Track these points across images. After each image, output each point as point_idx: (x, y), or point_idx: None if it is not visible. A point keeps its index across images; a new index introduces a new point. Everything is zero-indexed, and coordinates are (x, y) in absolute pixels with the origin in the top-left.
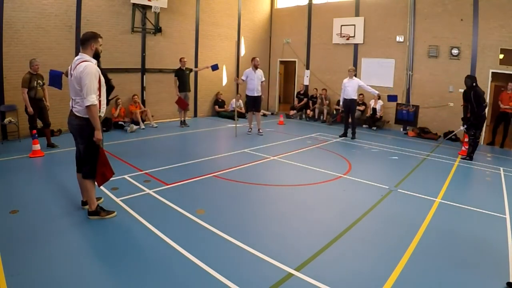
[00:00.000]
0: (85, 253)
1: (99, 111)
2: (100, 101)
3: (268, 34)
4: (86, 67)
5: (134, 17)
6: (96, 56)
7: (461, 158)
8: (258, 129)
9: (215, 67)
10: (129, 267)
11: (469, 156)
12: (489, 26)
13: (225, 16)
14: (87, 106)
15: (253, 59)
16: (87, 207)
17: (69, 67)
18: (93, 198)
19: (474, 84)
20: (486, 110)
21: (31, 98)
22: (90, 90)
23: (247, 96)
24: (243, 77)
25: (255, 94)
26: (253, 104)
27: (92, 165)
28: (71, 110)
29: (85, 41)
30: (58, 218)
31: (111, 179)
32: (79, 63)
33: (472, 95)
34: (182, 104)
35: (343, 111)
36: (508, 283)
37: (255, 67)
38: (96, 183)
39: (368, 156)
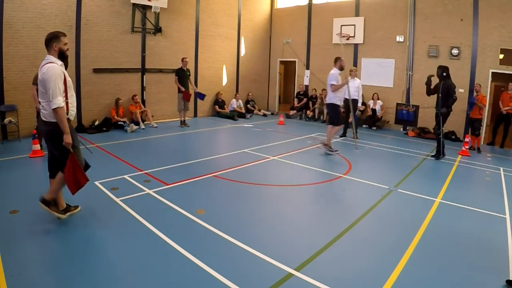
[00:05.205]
0: (85, 252)
1: (67, 113)
2: (67, 104)
3: (268, 34)
4: (49, 69)
5: (134, 17)
6: (62, 56)
7: (431, 156)
8: (326, 144)
9: (201, 97)
10: (129, 266)
11: (439, 153)
12: (489, 26)
13: (225, 16)
14: (54, 109)
15: (339, 59)
16: (65, 216)
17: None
18: (57, 191)
19: (444, 74)
20: (486, 111)
21: None
22: (56, 93)
23: (338, 105)
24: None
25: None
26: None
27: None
28: (40, 115)
29: (47, 42)
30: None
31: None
32: (43, 65)
33: (441, 85)
34: (187, 96)
35: (344, 111)
36: (508, 281)
37: (342, 69)
38: (70, 191)
39: (368, 156)
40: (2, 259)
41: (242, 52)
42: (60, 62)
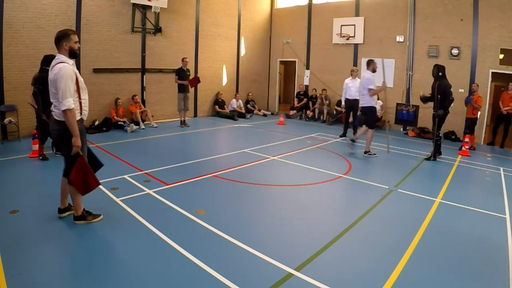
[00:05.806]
0: (85, 252)
1: (81, 113)
2: (80, 103)
3: (268, 34)
4: (61, 69)
5: (134, 17)
6: (73, 54)
7: (425, 159)
8: (367, 151)
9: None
10: (129, 266)
11: (434, 156)
12: (489, 26)
13: (225, 16)
14: (63, 111)
15: (372, 61)
16: (64, 215)
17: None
18: (80, 203)
19: (440, 74)
20: (486, 111)
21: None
22: (66, 94)
23: (376, 108)
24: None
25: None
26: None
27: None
28: (52, 115)
29: (57, 41)
30: (58, 218)
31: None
32: (54, 65)
33: (437, 86)
34: (193, 82)
35: (345, 111)
36: None
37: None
38: (78, 192)
39: (368, 156)
40: (2, 259)
41: (242, 52)
42: (71, 61)
